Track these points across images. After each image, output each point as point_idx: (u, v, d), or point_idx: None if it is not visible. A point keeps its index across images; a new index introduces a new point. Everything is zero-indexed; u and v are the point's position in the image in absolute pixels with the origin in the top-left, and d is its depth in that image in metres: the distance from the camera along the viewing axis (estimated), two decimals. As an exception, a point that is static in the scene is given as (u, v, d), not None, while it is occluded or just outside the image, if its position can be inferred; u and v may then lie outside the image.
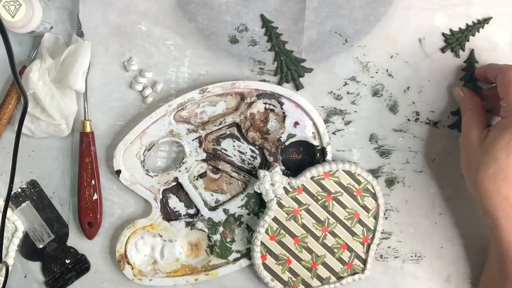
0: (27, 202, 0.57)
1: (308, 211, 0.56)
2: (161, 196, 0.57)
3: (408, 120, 0.57)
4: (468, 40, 0.56)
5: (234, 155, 0.57)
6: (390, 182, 0.58)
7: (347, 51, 0.56)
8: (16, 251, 0.57)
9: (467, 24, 0.56)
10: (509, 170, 0.48)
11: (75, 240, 0.58)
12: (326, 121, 0.57)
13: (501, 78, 0.50)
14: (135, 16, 0.56)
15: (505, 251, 0.50)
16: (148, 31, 0.56)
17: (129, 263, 0.57)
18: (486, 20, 0.56)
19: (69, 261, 0.58)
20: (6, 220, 0.53)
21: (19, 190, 0.57)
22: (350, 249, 0.57)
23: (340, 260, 0.57)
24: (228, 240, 0.58)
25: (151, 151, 0.57)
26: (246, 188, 0.57)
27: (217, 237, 0.57)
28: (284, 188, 0.55)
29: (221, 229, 0.57)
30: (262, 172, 0.54)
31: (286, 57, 0.56)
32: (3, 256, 0.55)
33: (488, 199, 0.49)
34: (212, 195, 0.58)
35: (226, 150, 0.57)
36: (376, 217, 0.57)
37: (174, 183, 0.57)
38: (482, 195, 0.49)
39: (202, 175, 0.57)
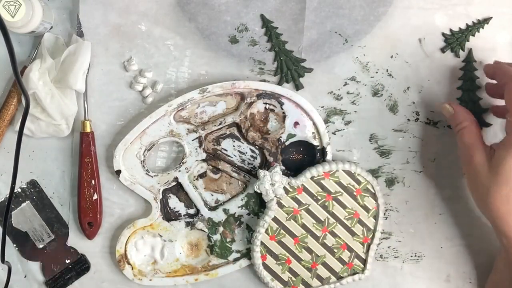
0: (27, 202, 0.57)
1: (308, 211, 0.56)
2: (161, 196, 0.57)
3: (408, 120, 0.57)
4: (468, 40, 0.56)
5: (234, 155, 0.57)
6: (390, 182, 0.58)
7: (347, 51, 0.56)
8: (16, 251, 0.57)
9: (467, 24, 0.56)
10: None
11: (75, 240, 0.58)
12: (326, 121, 0.57)
13: (510, 89, 0.47)
14: (135, 16, 0.56)
15: None
16: (148, 31, 0.56)
17: (129, 263, 0.57)
18: (486, 20, 0.56)
19: (69, 261, 0.58)
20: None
21: (19, 190, 0.57)
22: (350, 249, 0.57)
23: (340, 260, 0.57)
24: (228, 240, 0.58)
25: (151, 151, 0.57)
26: (246, 188, 0.57)
27: (217, 237, 0.57)
28: (284, 188, 0.55)
29: (221, 229, 0.57)
30: (262, 172, 0.54)
31: (286, 57, 0.56)
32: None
33: (502, 221, 0.48)
34: (212, 195, 0.58)
35: (226, 150, 0.57)
36: (376, 217, 0.57)
37: (174, 183, 0.57)
38: (495, 216, 0.48)
39: (202, 175, 0.57)
